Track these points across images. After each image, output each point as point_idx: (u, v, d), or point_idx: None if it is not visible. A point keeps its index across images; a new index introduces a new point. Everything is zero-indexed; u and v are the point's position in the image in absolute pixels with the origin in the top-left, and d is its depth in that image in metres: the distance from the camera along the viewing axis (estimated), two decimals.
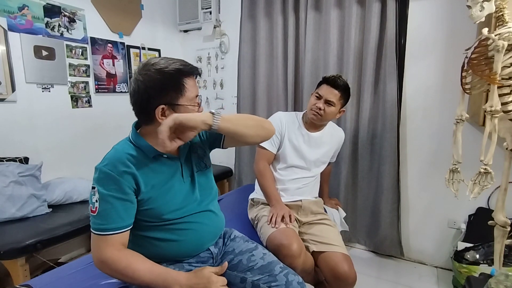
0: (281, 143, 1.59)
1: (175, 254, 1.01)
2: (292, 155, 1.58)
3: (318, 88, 1.56)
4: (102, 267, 0.89)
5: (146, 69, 0.91)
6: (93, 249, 0.89)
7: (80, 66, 2.28)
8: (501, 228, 1.32)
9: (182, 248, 1.01)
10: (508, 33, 1.14)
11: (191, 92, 0.94)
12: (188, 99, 0.94)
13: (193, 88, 0.95)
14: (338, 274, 1.29)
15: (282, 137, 1.59)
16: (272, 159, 1.61)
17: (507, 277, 1.07)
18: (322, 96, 1.51)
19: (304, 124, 1.62)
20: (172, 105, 0.92)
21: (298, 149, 1.58)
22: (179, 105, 0.92)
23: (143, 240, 0.98)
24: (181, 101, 0.92)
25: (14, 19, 1.92)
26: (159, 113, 0.91)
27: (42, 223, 1.67)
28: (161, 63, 0.92)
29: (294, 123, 1.62)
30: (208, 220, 1.06)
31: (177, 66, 0.92)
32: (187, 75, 0.93)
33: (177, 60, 0.95)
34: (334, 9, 2.16)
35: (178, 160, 1.02)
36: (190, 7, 2.83)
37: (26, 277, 1.55)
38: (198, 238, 1.03)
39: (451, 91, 1.92)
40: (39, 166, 1.86)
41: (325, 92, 1.51)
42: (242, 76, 2.58)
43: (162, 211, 0.95)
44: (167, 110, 0.91)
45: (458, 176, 1.43)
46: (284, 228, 1.35)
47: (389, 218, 2.14)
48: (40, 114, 2.08)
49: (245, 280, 1.02)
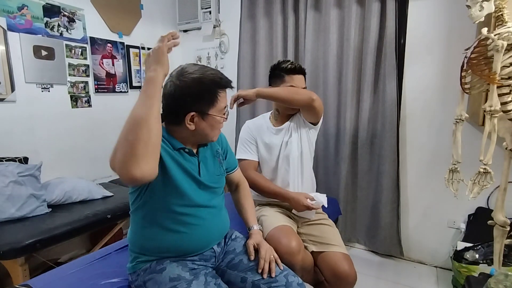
0: (258, 148, 1.59)
1: (182, 248, 1.02)
2: (270, 156, 1.57)
3: (286, 80, 1.49)
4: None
5: (184, 75, 0.95)
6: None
7: (80, 66, 2.28)
8: (500, 228, 1.32)
9: (190, 242, 1.02)
10: (507, 33, 1.14)
11: (222, 103, 1.01)
12: (218, 110, 1.00)
13: (224, 99, 1.01)
14: (338, 274, 1.28)
15: (256, 143, 1.58)
16: (256, 166, 1.60)
17: (506, 277, 1.07)
18: (298, 86, 1.50)
19: (273, 122, 1.61)
20: (203, 113, 0.97)
21: (273, 147, 1.56)
22: (209, 114, 0.98)
23: (152, 232, 1.00)
24: (212, 111, 0.98)
25: (13, 19, 1.92)
26: (189, 118, 0.96)
27: (41, 223, 1.67)
28: (198, 72, 0.96)
29: (262, 125, 1.61)
30: (217, 219, 1.09)
31: (213, 77, 0.97)
32: (222, 87, 1.00)
33: (214, 71, 1.00)
34: (333, 9, 2.16)
35: (197, 158, 1.06)
36: (190, 7, 2.83)
37: (25, 277, 1.54)
38: (206, 235, 1.05)
39: (451, 91, 1.92)
40: (38, 166, 1.86)
41: (299, 82, 1.50)
42: (241, 76, 2.58)
43: (175, 193, 0.98)
44: (196, 117, 0.97)
45: (457, 176, 1.43)
46: (283, 226, 1.35)
47: (388, 218, 2.14)
48: (39, 114, 2.08)
49: (246, 280, 1.03)
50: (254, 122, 1.65)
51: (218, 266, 1.10)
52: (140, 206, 1.00)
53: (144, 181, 0.82)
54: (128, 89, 2.64)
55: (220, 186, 1.14)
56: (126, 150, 0.78)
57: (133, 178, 0.77)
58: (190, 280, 0.94)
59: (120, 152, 0.78)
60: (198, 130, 0.99)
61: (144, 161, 0.78)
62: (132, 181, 0.79)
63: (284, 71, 1.50)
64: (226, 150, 1.24)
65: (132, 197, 1.01)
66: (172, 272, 0.96)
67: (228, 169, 1.25)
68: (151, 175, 0.81)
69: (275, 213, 1.48)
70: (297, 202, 1.43)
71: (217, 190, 1.11)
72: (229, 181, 1.31)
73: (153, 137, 0.80)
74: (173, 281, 0.94)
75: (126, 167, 0.77)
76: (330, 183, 2.32)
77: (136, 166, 0.77)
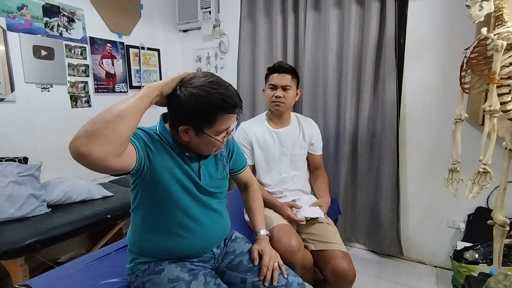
0: (253, 151, 1.60)
1: (181, 251, 1.01)
2: (266, 158, 1.59)
3: (268, 79, 1.57)
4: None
5: (186, 86, 0.89)
6: None
7: (79, 66, 2.28)
8: (500, 228, 1.32)
9: (189, 246, 1.01)
10: (507, 33, 1.14)
11: (222, 126, 0.93)
12: (215, 131, 0.93)
13: (226, 122, 0.93)
14: (338, 272, 1.29)
15: (251, 146, 1.59)
16: (252, 171, 1.59)
17: (506, 277, 1.07)
18: (277, 84, 1.52)
19: (269, 122, 1.62)
20: (197, 129, 0.92)
21: (269, 151, 1.58)
22: (204, 133, 0.92)
23: (151, 235, 1.00)
24: (207, 131, 0.92)
25: (13, 19, 1.91)
26: (182, 130, 0.92)
27: (41, 223, 1.67)
28: (201, 88, 0.88)
29: (258, 125, 1.62)
30: (217, 223, 1.08)
31: (215, 99, 0.88)
32: (224, 111, 0.91)
33: (221, 90, 0.89)
34: (333, 9, 2.16)
35: (197, 162, 1.03)
36: (190, 7, 2.83)
37: (25, 277, 1.54)
38: (206, 239, 1.04)
39: (450, 91, 1.92)
40: (38, 166, 1.86)
41: (278, 80, 1.52)
42: (241, 76, 2.58)
43: (174, 195, 0.96)
44: (191, 131, 0.92)
45: (457, 176, 1.43)
46: (283, 224, 1.36)
47: (388, 217, 2.14)
48: (39, 114, 2.08)
49: (245, 280, 1.02)
50: (250, 124, 1.65)
51: (218, 267, 1.09)
52: (140, 205, 1.00)
53: (92, 162, 0.73)
54: (128, 89, 2.64)
55: (221, 190, 1.11)
56: (87, 127, 0.73)
57: (78, 151, 0.71)
58: (189, 281, 0.94)
59: (81, 129, 0.74)
60: (193, 143, 0.96)
61: (98, 141, 0.72)
62: (77, 155, 0.72)
63: (268, 70, 1.58)
64: (233, 151, 1.21)
65: (132, 194, 1.01)
66: (170, 273, 0.96)
67: (235, 169, 1.24)
68: (101, 159, 0.73)
69: (275, 212, 1.49)
70: (281, 211, 1.48)
71: (218, 195, 1.09)
72: (237, 181, 1.30)
73: (120, 125, 0.75)
74: (172, 282, 0.93)
75: (77, 138, 0.72)
76: (330, 182, 2.28)
77: (87, 141, 0.71)
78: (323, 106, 2.29)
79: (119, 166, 0.80)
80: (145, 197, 0.98)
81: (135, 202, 1.01)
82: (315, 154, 1.71)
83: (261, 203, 1.29)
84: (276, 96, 1.52)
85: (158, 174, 0.93)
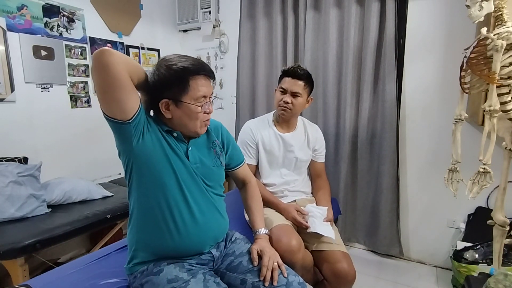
0: (258, 152, 1.58)
1: (176, 248, 1.00)
2: (270, 160, 1.58)
3: (281, 82, 1.54)
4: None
5: (159, 64, 0.97)
6: None
7: (79, 66, 2.28)
8: (500, 228, 1.32)
9: (182, 241, 1.00)
10: (507, 33, 1.14)
11: (197, 91, 0.97)
12: (193, 98, 0.97)
13: (201, 87, 0.97)
14: (338, 272, 1.29)
15: (257, 146, 1.57)
16: (255, 170, 1.59)
17: (506, 277, 1.07)
18: (287, 89, 1.49)
19: (275, 124, 1.60)
20: (176, 100, 0.96)
21: (273, 154, 1.57)
22: (182, 102, 0.96)
23: (145, 231, 1.00)
24: (185, 98, 0.96)
25: (13, 19, 1.92)
26: (163, 106, 0.97)
27: (41, 223, 1.67)
28: (173, 60, 0.96)
29: (265, 127, 1.60)
30: (212, 220, 1.06)
31: (185, 64, 0.95)
32: (193, 73, 0.96)
33: (190, 59, 0.98)
34: (333, 9, 2.16)
35: (186, 144, 1.05)
36: (189, 7, 2.83)
37: (25, 277, 1.54)
38: (200, 235, 1.03)
39: (450, 91, 1.92)
40: (38, 166, 1.86)
41: (289, 85, 1.49)
42: (241, 76, 2.58)
43: (162, 174, 0.97)
44: (171, 105, 0.97)
45: (457, 176, 1.43)
46: (283, 225, 1.36)
47: (388, 217, 2.14)
48: (39, 114, 2.08)
49: (245, 281, 1.02)
50: (256, 123, 1.63)
51: (217, 269, 1.09)
52: (134, 191, 1.00)
53: (108, 71, 0.81)
54: None
55: (215, 180, 1.10)
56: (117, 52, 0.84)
57: (102, 60, 0.80)
58: (188, 280, 0.93)
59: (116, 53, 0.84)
60: (176, 119, 0.99)
61: (120, 60, 0.83)
62: (99, 62, 0.81)
63: (283, 72, 1.55)
64: (228, 144, 1.20)
65: (126, 181, 1.01)
66: (169, 274, 0.95)
67: (231, 164, 1.23)
68: (116, 73, 0.82)
69: (275, 212, 1.49)
70: (286, 213, 1.46)
71: (212, 185, 1.08)
72: (235, 178, 1.29)
73: (138, 70, 0.91)
74: (171, 283, 0.93)
75: (104, 51, 0.81)
76: (330, 182, 2.30)
77: (112, 58, 0.81)
78: (323, 106, 2.29)
79: (126, 85, 0.86)
80: (138, 183, 0.98)
81: (130, 190, 1.02)
82: (317, 161, 1.69)
83: (260, 201, 1.29)
84: (284, 101, 1.49)
85: (150, 150, 0.95)
